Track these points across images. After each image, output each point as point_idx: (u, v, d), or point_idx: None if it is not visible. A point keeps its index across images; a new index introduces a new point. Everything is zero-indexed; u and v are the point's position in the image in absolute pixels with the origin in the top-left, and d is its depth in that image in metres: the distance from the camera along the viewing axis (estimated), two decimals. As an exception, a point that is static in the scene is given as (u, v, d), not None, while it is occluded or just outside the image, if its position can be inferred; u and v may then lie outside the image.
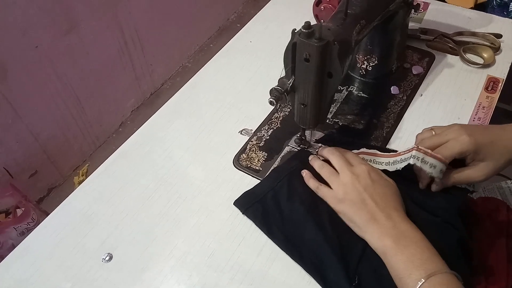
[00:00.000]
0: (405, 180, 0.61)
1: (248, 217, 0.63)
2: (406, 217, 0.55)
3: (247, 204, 0.64)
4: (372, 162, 0.63)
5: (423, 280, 0.47)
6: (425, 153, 0.58)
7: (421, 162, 0.58)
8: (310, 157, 0.66)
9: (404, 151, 0.61)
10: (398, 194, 0.58)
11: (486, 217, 0.62)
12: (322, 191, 0.61)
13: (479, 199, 0.68)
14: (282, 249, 0.59)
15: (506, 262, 0.57)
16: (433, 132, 0.62)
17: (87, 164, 1.69)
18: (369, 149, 0.65)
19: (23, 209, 1.29)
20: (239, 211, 0.64)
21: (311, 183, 0.63)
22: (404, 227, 0.53)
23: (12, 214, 1.28)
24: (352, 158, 0.62)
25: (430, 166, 0.58)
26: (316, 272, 0.56)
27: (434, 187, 0.60)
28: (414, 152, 0.58)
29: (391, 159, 0.62)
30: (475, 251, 0.58)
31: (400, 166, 0.60)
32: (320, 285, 0.55)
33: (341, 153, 0.63)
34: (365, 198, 0.56)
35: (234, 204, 0.64)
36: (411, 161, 0.58)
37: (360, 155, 0.64)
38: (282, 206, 0.62)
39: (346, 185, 0.58)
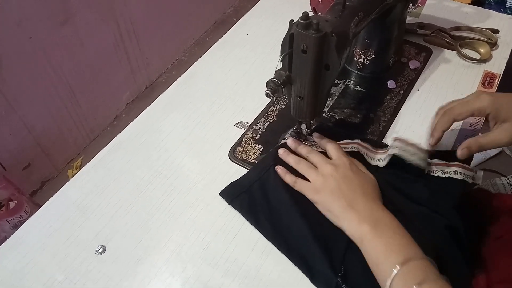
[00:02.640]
0: (393, 172, 0.61)
1: (235, 207, 0.62)
2: (384, 207, 0.55)
3: (234, 194, 0.63)
4: (365, 155, 0.64)
5: (401, 265, 0.47)
6: (404, 142, 0.60)
7: (402, 150, 0.59)
8: (281, 151, 0.66)
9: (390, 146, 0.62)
10: (377, 187, 0.59)
11: (506, 213, 0.62)
12: (299, 184, 0.61)
13: (504, 195, 0.68)
14: (269, 240, 0.59)
15: None
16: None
17: (81, 157, 1.68)
18: (364, 142, 0.65)
19: (16, 201, 1.28)
20: (234, 204, 0.63)
21: (288, 178, 0.62)
22: (381, 214, 0.54)
23: (4, 206, 1.27)
24: (334, 149, 0.62)
25: (411, 154, 0.59)
26: (302, 263, 0.55)
27: (459, 152, 0.59)
28: (393, 143, 0.60)
29: (383, 156, 0.62)
30: (491, 248, 0.58)
31: (387, 160, 0.61)
32: (306, 276, 0.55)
33: (319, 151, 0.63)
34: (343, 186, 0.56)
35: (220, 194, 0.64)
36: (390, 151, 0.60)
37: (354, 145, 0.64)
38: (269, 196, 0.62)
39: (325, 175, 0.58)
